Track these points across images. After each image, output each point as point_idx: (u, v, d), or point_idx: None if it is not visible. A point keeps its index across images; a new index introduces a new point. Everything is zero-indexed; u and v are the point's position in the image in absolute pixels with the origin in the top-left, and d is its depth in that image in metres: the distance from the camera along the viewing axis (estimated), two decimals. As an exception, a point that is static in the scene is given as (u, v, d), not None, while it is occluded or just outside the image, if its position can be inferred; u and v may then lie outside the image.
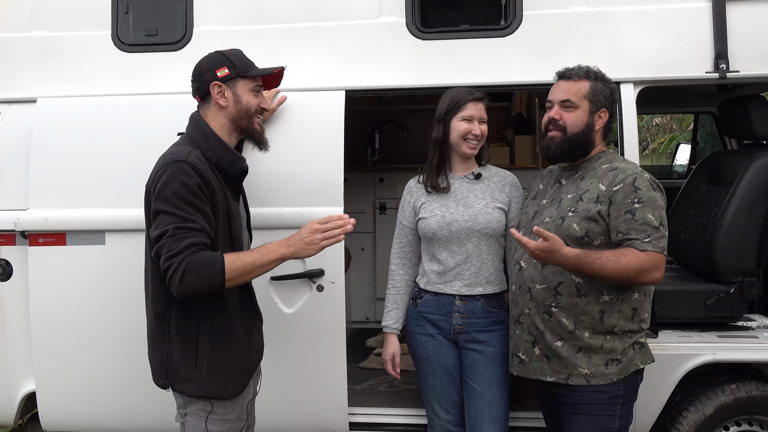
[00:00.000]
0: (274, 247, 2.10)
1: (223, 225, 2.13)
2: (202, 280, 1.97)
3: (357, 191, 4.89)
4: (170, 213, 2.00)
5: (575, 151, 2.34)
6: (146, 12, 3.05)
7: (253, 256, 2.07)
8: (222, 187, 2.15)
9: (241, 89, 2.23)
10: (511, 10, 2.89)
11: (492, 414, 2.49)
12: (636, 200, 2.18)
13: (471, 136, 2.53)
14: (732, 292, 2.86)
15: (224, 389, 2.14)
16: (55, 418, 2.99)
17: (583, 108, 2.32)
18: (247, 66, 2.26)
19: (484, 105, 2.56)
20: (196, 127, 2.21)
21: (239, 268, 2.03)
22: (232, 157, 2.21)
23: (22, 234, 2.92)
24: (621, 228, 2.17)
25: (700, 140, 5.06)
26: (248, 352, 2.22)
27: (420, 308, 2.61)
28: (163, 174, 2.04)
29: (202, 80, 2.23)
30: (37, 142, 2.93)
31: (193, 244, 1.98)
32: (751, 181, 2.89)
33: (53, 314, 2.90)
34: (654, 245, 2.14)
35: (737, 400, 2.77)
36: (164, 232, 1.99)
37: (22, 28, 3.09)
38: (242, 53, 2.31)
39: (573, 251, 2.12)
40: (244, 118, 2.24)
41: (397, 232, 2.70)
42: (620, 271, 2.12)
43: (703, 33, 2.80)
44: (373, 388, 3.50)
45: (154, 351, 2.20)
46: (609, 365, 2.26)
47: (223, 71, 2.21)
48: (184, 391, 2.15)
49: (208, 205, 2.06)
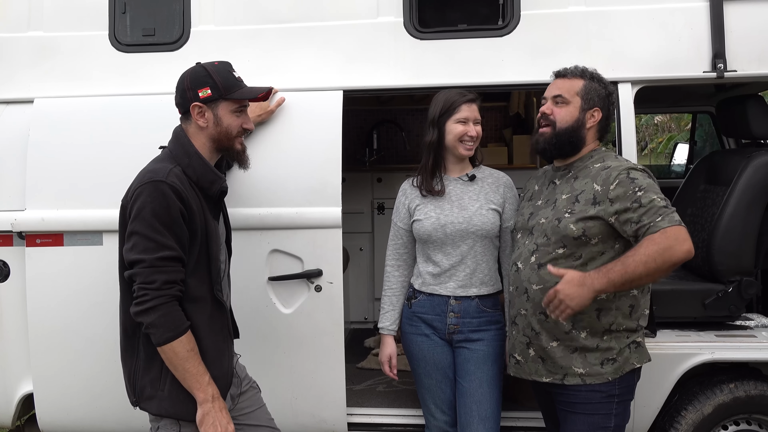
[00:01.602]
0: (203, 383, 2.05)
1: (201, 243, 2.10)
2: (157, 326, 1.98)
3: (355, 191, 4.89)
4: (147, 237, 1.99)
5: (564, 146, 2.35)
6: (143, 12, 3.04)
7: (193, 365, 2.03)
8: (201, 206, 2.12)
9: (222, 111, 2.17)
10: (509, 9, 2.89)
11: (481, 413, 2.48)
12: (637, 189, 2.17)
13: (467, 138, 2.52)
14: (730, 292, 2.86)
15: (186, 409, 2.08)
16: (52, 419, 2.98)
17: (575, 104, 2.33)
18: (231, 86, 2.17)
19: (477, 106, 2.56)
20: (178, 143, 2.18)
21: (180, 354, 2.01)
22: (212, 176, 2.17)
23: (19, 235, 2.92)
24: (633, 218, 2.14)
25: (698, 140, 5.06)
26: (217, 374, 2.13)
27: (414, 308, 2.61)
28: (141, 194, 2.01)
29: (183, 97, 2.17)
30: (35, 142, 2.92)
31: (169, 281, 1.99)
32: (749, 180, 2.89)
33: (51, 315, 2.90)
34: (669, 220, 2.09)
35: (736, 399, 2.77)
36: (140, 260, 1.99)
37: (19, 27, 3.08)
38: (229, 69, 2.22)
39: (592, 272, 2.10)
40: (224, 140, 2.19)
41: (392, 233, 2.70)
42: (645, 261, 2.03)
43: (700, 32, 2.80)
44: (371, 388, 3.50)
45: (124, 367, 2.17)
46: (605, 364, 2.26)
47: (205, 92, 2.13)
48: (148, 409, 2.13)
49: (185, 227, 2.04)
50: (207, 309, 2.13)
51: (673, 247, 2.05)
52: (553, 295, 2.09)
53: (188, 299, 2.08)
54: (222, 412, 2.07)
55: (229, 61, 2.26)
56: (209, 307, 2.14)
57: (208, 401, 2.05)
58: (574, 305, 2.07)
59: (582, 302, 2.07)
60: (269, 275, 2.82)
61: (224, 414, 2.08)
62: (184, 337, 2.01)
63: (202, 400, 2.05)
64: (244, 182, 2.79)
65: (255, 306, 2.80)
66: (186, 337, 2.02)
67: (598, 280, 2.07)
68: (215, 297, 2.16)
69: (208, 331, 2.12)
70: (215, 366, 2.13)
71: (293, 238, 2.81)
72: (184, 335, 2.01)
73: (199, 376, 2.04)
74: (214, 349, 2.14)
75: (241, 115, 2.22)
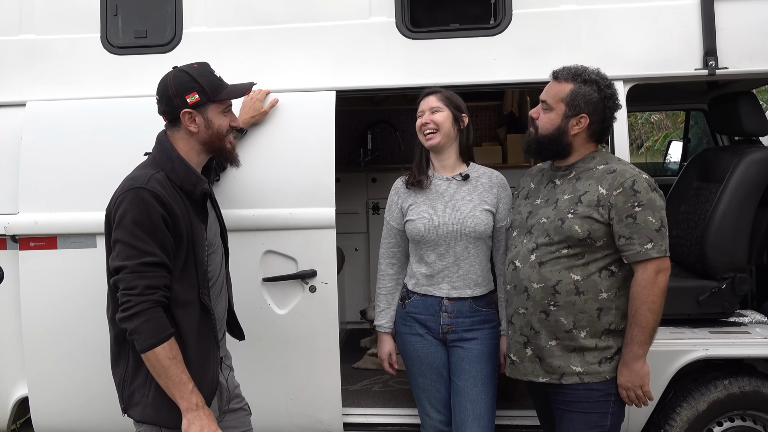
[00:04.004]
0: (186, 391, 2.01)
1: (188, 248, 2.09)
2: (140, 333, 1.96)
3: (350, 192, 4.89)
4: (129, 245, 1.98)
5: (544, 152, 2.38)
6: (135, 14, 3.04)
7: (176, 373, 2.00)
8: (186, 210, 2.10)
9: (212, 113, 2.17)
10: (501, 9, 2.90)
11: (476, 412, 2.48)
12: (636, 203, 2.19)
13: (424, 127, 2.57)
14: (724, 288, 2.87)
15: (170, 416, 2.05)
16: (47, 422, 2.98)
17: (557, 111, 2.31)
18: (216, 88, 2.17)
19: (437, 96, 2.58)
20: (161, 149, 2.17)
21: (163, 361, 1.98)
22: (194, 179, 2.15)
23: (12, 238, 2.91)
24: (624, 233, 2.20)
25: (693, 137, 5.07)
26: (200, 381, 2.09)
27: (408, 308, 2.61)
28: (122, 202, 2.01)
29: (170, 105, 2.15)
30: (27, 145, 2.92)
31: (151, 286, 1.98)
32: (742, 177, 2.89)
33: (45, 318, 2.89)
34: (657, 249, 2.19)
35: (730, 395, 2.77)
36: (123, 266, 1.98)
37: (10, 30, 3.08)
38: (210, 69, 2.21)
39: (627, 358, 2.25)
40: (215, 141, 2.19)
41: (384, 232, 2.70)
42: (653, 309, 2.21)
43: (692, 30, 2.81)
44: (367, 388, 3.50)
45: (114, 375, 2.16)
46: (603, 363, 2.26)
47: (194, 97, 2.12)
48: (133, 416, 2.11)
49: (168, 232, 2.03)
50: (195, 314, 2.11)
51: (658, 285, 2.22)
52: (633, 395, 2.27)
53: (176, 305, 2.06)
54: (209, 419, 2.03)
55: (206, 61, 2.25)
56: (197, 312, 2.12)
57: (192, 409, 2.02)
58: (643, 384, 2.26)
59: (644, 378, 2.26)
60: (263, 276, 2.82)
61: (211, 420, 2.04)
62: (167, 344, 1.99)
63: (186, 408, 2.02)
64: (237, 183, 2.79)
65: (249, 307, 2.80)
66: (169, 344, 1.99)
67: (637, 353, 2.23)
68: (202, 302, 2.14)
69: (195, 337, 2.10)
70: (200, 374, 2.10)
71: (287, 238, 2.81)
72: (167, 342, 1.99)
73: (182, 385, 2.01)
74: (199, 356, 2.11)
75: (228, 114, 2.23)
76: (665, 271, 2.22)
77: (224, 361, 2.34)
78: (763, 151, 2.94)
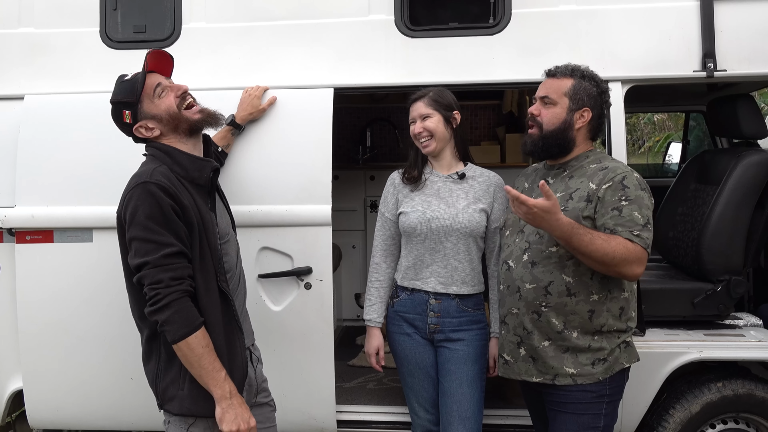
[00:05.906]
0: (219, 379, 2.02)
1: (201, 236, 2.09)
2: (171, 323, 1.97)
3: (348, 189, 4.89)
4: (146, 239, 1.98)
5: (551, 148, 2.34)
6: (134, 9, 3.04)
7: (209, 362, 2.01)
8: (193, 200, 2.10)
9: (149, 107, 2.15)
10: (500, 8, 2.90)
11: (461, 414, 2.48)
12: (623, 198, 2.18)
13: (418, 136, 2.58)
14: (719, 291, 2.87)
15: (206, 407, 2.06)
16: (42, 415, 2.99)
17: (562, 105, 2.31)
18: (132, 89, 2.14)
19: (425, 102, 2.57)
20: (154, 156, 2.16)
21: (196, 350, 1.98)
22: (199, 163, 2.16)
23: (9, 231, 2.91)
24: (608, 224, 2.17)
25: (693, 139, 5.07)
26: (231, 369, 2.11)
27: (396, 308, 2.61)
28: (131, 199, 2.01)
29: (130, 133, 2.19)
30: (25, 139, 2.92)
31: (177, 277, 1.98)
32: (739, 179, 2.90)
33: (41, 312, 2.90)
34: (641, 240, 2.14)
35: (723, 398, 2.78)
36: (144, 263, 1.98)
37: (9, 24, 3.08)
38: (121, 81, 2.19)
39: (567, 218, 2.11)
40: (178, 121, 2.16)
41: (379, 224, 2.70)
42: (607, 252, 2.09)
43: (691, 32, 2.81)
44: (361, 385, 3.50)
45: (147, 372, 2.17)
46: (596, 364, 2.26)
47: (128, 116, 2.14)
48: (170, 410, 2.11)
49: (180, 221, 2.03)
50: (218, 302, 2.11)
51: (632, 264, 2.13)
52: (532, 203, 2.06)
53: (200, 294, 2.07)
54: (242, 407, 2.05)
55: (118, 75, 2.23)
56: (218, 300, 2.12)
57: (226, 398, 2.03)
58: (532, 221, 2.11)
59: (538, 225, 2.12)
60: (259, 273, 2.82)
61: (245, 408, 2.05)
62: (199, 332, 1.99)
63: (220, 396, 2.03)
64: (234, 179, 2.79)
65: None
66: (201, 333, 2.00)
67: (562, 230, 2.09)
68: (221, 289, 2.14)
69: (221, 325, 2.11)
70: (229, 360, 2.12)
71: (283, 235, 2.81)
72: (199, 330, 1.99)
73: (215, 373, 2.02)
74: (227, 343, 2.13)
75: (165, 91, 2.18)
76: (638, 264, 2.14)
77: (253, 352, 2.36)
78: (760, 154, 2.94)
